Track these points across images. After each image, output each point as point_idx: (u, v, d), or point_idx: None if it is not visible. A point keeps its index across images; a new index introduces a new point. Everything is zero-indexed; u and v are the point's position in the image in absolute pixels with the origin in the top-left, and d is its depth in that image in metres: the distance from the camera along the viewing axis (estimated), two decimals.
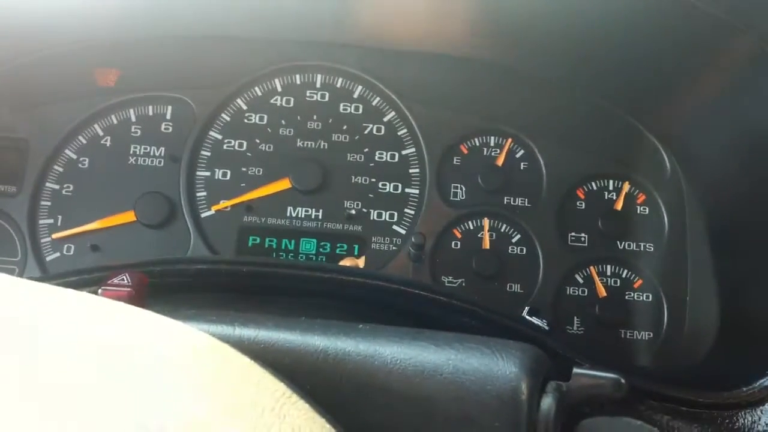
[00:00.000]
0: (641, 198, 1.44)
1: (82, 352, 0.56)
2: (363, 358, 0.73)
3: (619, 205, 1.44)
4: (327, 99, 1.49)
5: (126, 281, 0.85)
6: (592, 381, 0.76)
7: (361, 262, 1.41)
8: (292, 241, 1.43)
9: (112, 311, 0.65)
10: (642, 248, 1.42)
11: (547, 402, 0.72)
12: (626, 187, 1.44)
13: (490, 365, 0.73)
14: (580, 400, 0.75)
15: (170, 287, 0.99)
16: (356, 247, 1.42)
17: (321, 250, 1.42)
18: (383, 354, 0.73)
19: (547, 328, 1.09)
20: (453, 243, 1.43)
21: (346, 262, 1.39)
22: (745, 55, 1.12)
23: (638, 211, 1.43)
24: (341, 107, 1.48)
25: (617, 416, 0.78)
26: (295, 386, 0.64)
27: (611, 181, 1.45)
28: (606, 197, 1.45)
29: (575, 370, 0.76)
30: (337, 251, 1.42)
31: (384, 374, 0.73)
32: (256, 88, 1.48)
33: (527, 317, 1.15)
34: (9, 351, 0.53)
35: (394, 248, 1.43)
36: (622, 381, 0.75)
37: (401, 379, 0.73)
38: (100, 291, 0.85)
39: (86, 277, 0.97)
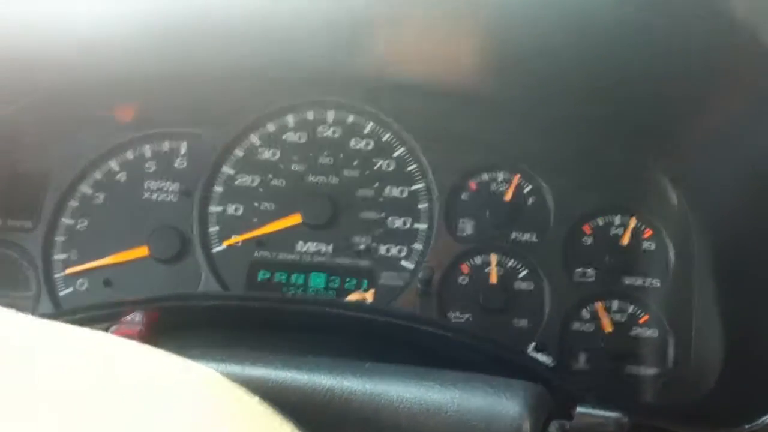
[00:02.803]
0: (648, 233, 1.45)
1: (90, 388, 0.58)
2: (369, 397, 0.75)
3: (625, 241, 1.44)
4: (338, 135, 1.51)
5: (137, 319, 0.87)
6: (595, 420, 0.77)
7: (369, 296, 1.42)
8: (302, 276, 1.44)
9: (122, 349, 0.66)
10: (648, 284, 1.42)
11: None
12: (633, 222, 1.45)
13: (494, 404, 0.74)
14: None
15: (180, 323, 1.01)
16: (365, 281, 1.44)
17: (330, 284, 1.44)
18: (389, 393, 0.75)
19: (552, 364, 1.10)
20: (461, 278, 1.44)
21: (354, 297, 1.41)
22: (748, 91, 1.14)
23: (644, 247, 1.44)
24: (352, 143, 1.50)
25: None
26: (302, 425, 0.66)
27: (618, 217, 1.45)
28: (612, 232, 1.45)
29: (578, 408, 0.77)
30: (346, 286, 1.44)
31: (390, 412, 0.74)
32: (269, 124, 1.51)
33: (533, 353, 1.16)
34: (18, 395, 0.54)
35: (402, 283, 1.44)
36: (625, 420, 0.76)
37: (407, 417, 0.74)
38: (111, 329, 0.86)
39: (98, 313, 0.99)
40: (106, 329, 0.87)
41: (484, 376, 0.79)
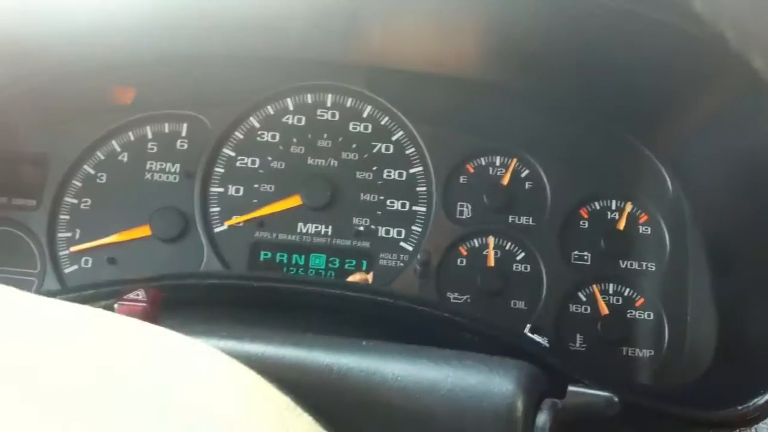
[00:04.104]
0: (643, 218, 1.46)
1: (91, 366, 0.59)
2: (365, 374, 0.77)
3: (621, 225, 1.46)
4: (337, 118, 1.52)
5: (141, 296, 0.89)
6: (586, 399, 0.79)
7: (370, 277, 1.43)
8: (303, 257, 1.46)
9: (122, 327, 0.68)
10: (644, 267, 1.44)
11: (542, 419, 0.75)
12: (629, 207, 1.47)
13: (487, 382, 0.76)
14: (574, 417, 0.78)
15: (183, 301, 1.03)
16: (364, 262, 1.46)
17: (330, 265, 1.46)
18: (384, 370, 0.77)
19: (547, 345, 1.12)
20: (459, 260, 1.46)
21: (356, 277, 1.42)
22: (743, 81, 1.15)
23: (640, 231, 1.46)
24: (351, 126, 1.52)
25: None
26: (300, 399, 0.67)
27: (614, 201, 1.47)
28: (609, 217, 1.47)
29: (570, 387, 0.79)
30: (346, 266, 1.46)
31: (385, 390, 0.76)
32: (269, 107, 1.52)
33: (529, 334, 1.18)
34: (16, 377, 0.55)
35: (401, 264, 1.46)
36: (615, 399, 0.78)
37: (401, 394, 0.76)
38: (116, 306, 0.88)
39: (102, 290, 1.02)
40: (111, 306, 0.89)
41: (478, 355, 0.81)
